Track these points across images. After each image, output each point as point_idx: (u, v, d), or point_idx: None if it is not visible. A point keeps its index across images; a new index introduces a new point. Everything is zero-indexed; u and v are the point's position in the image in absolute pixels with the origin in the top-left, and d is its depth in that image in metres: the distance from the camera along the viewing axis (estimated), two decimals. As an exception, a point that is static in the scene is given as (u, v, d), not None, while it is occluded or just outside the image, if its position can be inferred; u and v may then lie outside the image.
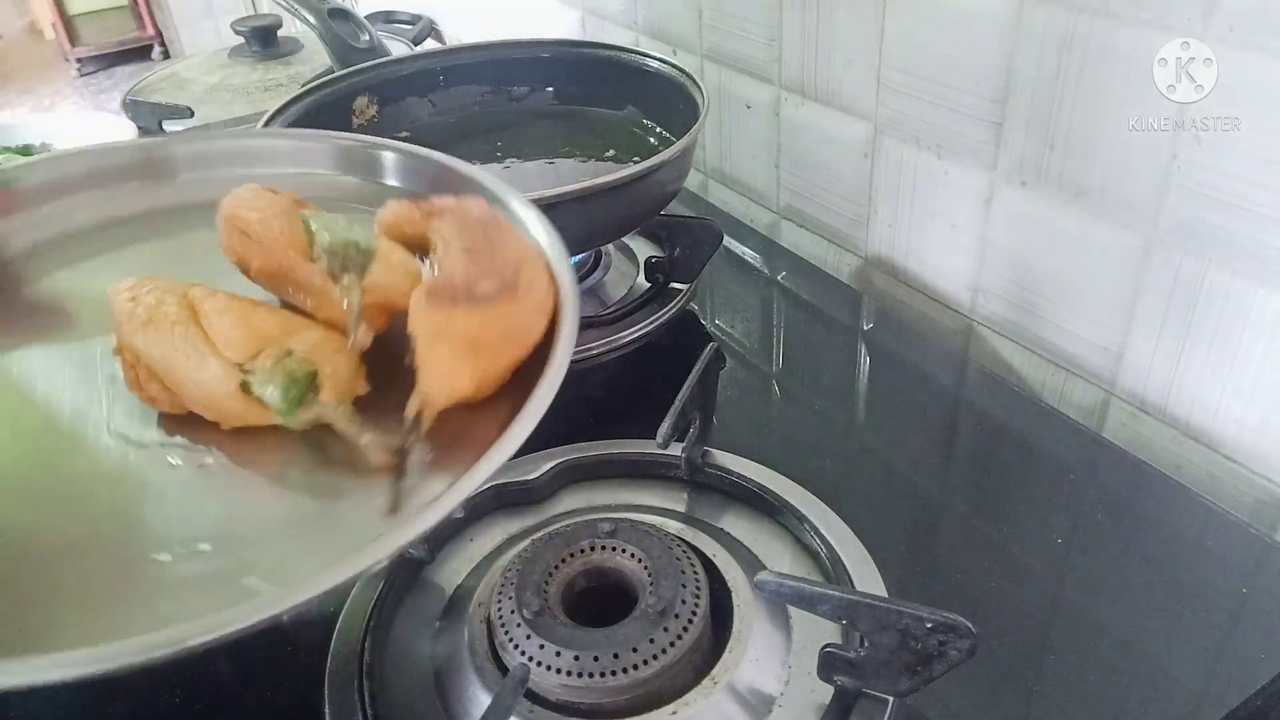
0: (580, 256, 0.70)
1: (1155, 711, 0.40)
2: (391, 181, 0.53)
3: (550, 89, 0.83)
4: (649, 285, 0.69)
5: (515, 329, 0.38)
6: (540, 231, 0.44)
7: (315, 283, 0.40)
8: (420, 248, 0.42)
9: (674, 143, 0.62)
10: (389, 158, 0.53)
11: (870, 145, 0.70)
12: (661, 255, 0.71)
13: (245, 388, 0.37)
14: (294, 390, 0.37)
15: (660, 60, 0.76)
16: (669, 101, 0.74)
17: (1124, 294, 0.56)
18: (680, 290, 0.67)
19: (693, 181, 0.90)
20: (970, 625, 0.38)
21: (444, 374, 0.36)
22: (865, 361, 0.64)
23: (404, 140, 0.78)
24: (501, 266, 0.39)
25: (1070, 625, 0.45)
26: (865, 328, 0.69)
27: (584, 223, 0.61)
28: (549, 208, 0.58)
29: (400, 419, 0.37)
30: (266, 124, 0.69)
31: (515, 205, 0.46)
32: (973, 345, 0.68)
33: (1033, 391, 0.64)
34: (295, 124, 0.72)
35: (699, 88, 0.69)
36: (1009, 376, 0.65)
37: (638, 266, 0.71)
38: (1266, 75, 0.45)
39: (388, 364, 0.40)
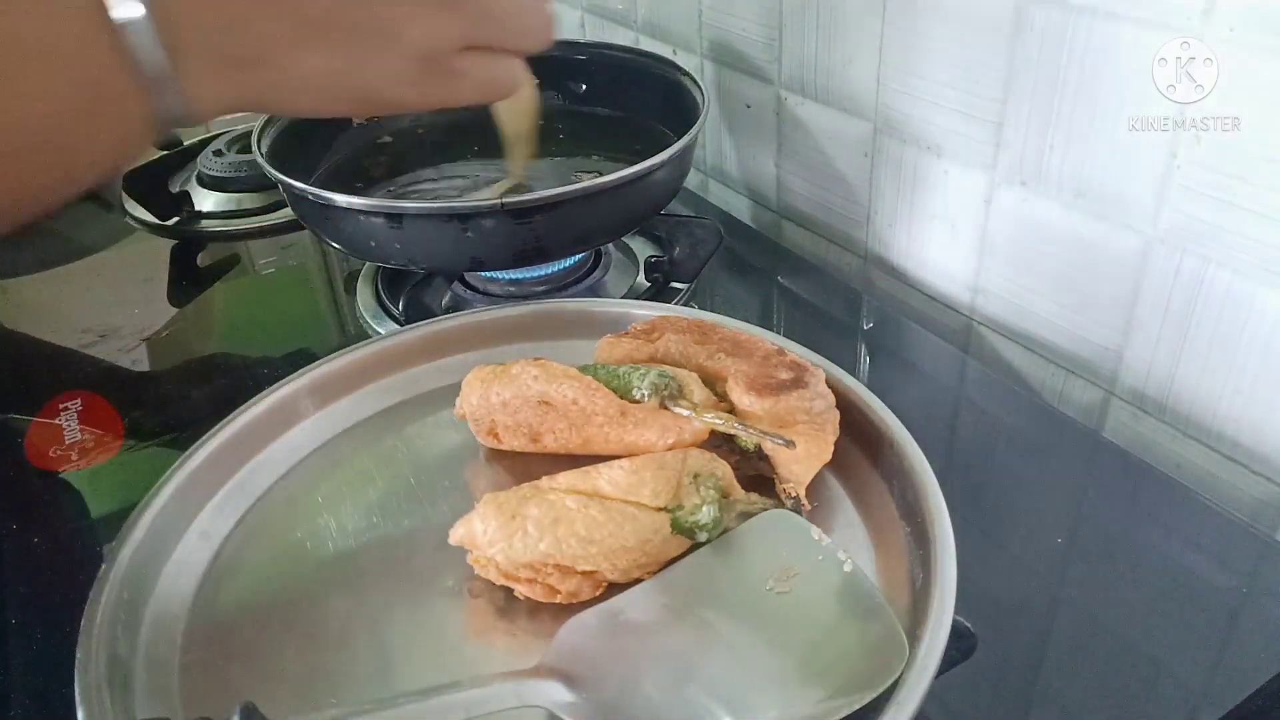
0: (580, 256, 0.70)
1: (1155, 711, 0.40)
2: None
3: (549, 88, 0.83)
4: (649, 285, 0.69)
5: (827, 397, 0.45)
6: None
7: (650, 418, 0.45)
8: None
9: (674, 143, 0.62)
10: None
11: (870, 145, 0.70)
12: (661, 255, 0.71)
13: (675, 524, 0.40)
14: (723, 502, 0.41)
15: (660, 60, 0.76)
16: (669, 101, 0.74)
17: (1124, 294, 0.56)
18: (680, 290, 0.67)
19: (693, 181, 0.90)
20: (970, 625, 0.38)
21: (809, 450, 0.43)
22: (865, 361, 0.64)
23: (387, 144, 0.78)
24: (765, 353, 0.47)
25: (1070, 625, 0.45)
26: (865, 328, 0.69)
27: (584, 223, 0.61)
28: (549, 207, 0.58)
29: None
30: (267, 123, 0.69)
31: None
32: (973, 345, 0.68)
33: (1033, 391, 0.64)
34: (295, 123, 0.72)
35: (699, 87, 0.70)
36: (1009, 376, 0.65)
37: (638, 266, 0.71)
38: (1266, 75, 0.45)
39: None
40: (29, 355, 0.70)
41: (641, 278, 0.69)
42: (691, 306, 0.66)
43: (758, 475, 0.45)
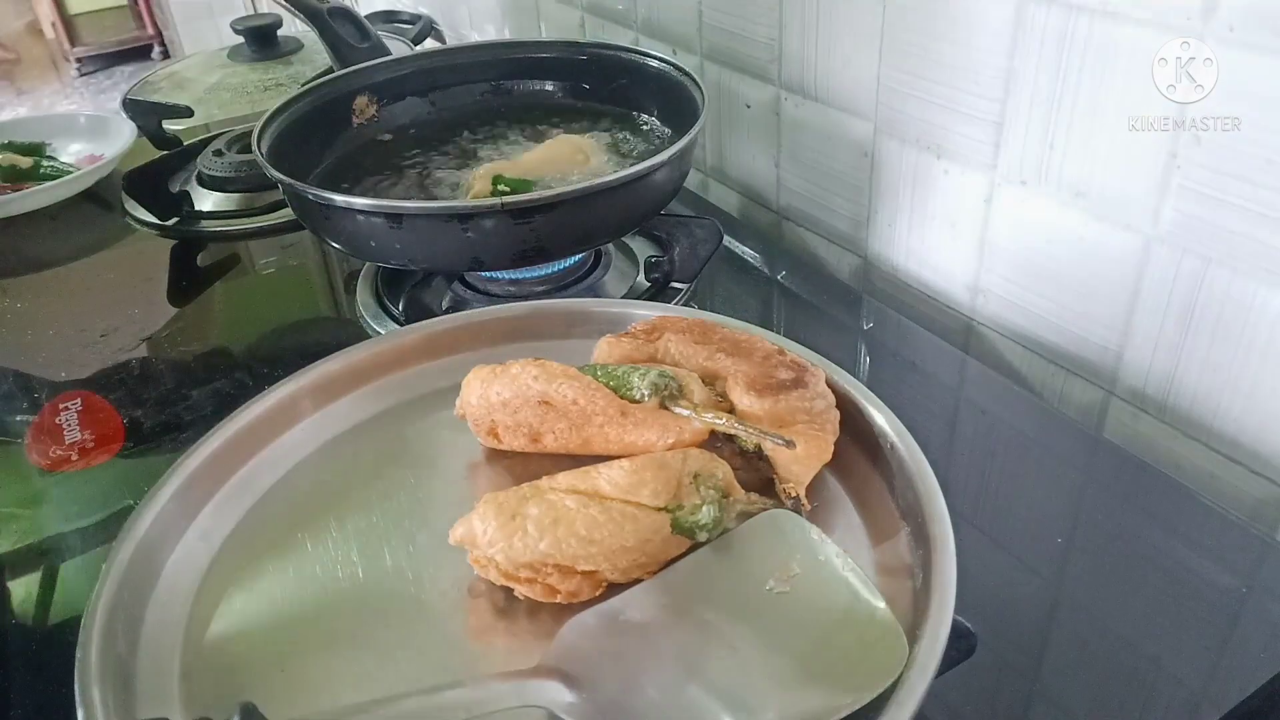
0: (580, 256, 0.70)
1: (1155, 711, 0.40)
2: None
3: (550, 88, 0.83)
4: (649, 285, 0.69)
5: (827, 397, 0.45)
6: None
7: (650, 417, 0.44)
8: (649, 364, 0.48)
9: (674, 143, 0.62)
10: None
11: (870, 145, 0.70)
12: (661, 255, 0.71)
13: (675, 524, 0.40)
14: (723, 502, 0.41)
15: (660, 60, 0.76)
16: (669, 101, 0.74)
17: (1124, 293, 0.56)
18: (680, 290, 0.67)
19: (693, 181, 0.90)
20: (970, 625, 0.38)
21: (809, 450, 0.42)
22: (865, 361, 0.64)
23: (386, 141, 0.78)
24: (765, 353, 0.46)
25: (1070, 625, 0.45)
26: (865, 328, 0.69)
27: (584, 223, 0.61)
28: (549, 207, 0.58)
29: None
30: (266, 123, 0.70)
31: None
32: (973, 345, 0.68)
33: (1033, 391, 0.64)
34: (295, 123, 0.72)
35: (699, 87, 0.69)
36: (1009, 376, 0.65)
37: (638, 266, 0.71)
38: (1266, 75, 0.45)
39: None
40: (28, 355, 0.70)
41: (641, 278, 0.69)
42: (691, 306, 0.66)
43: (758, 475, 0.45)
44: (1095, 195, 0.55)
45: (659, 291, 0.68)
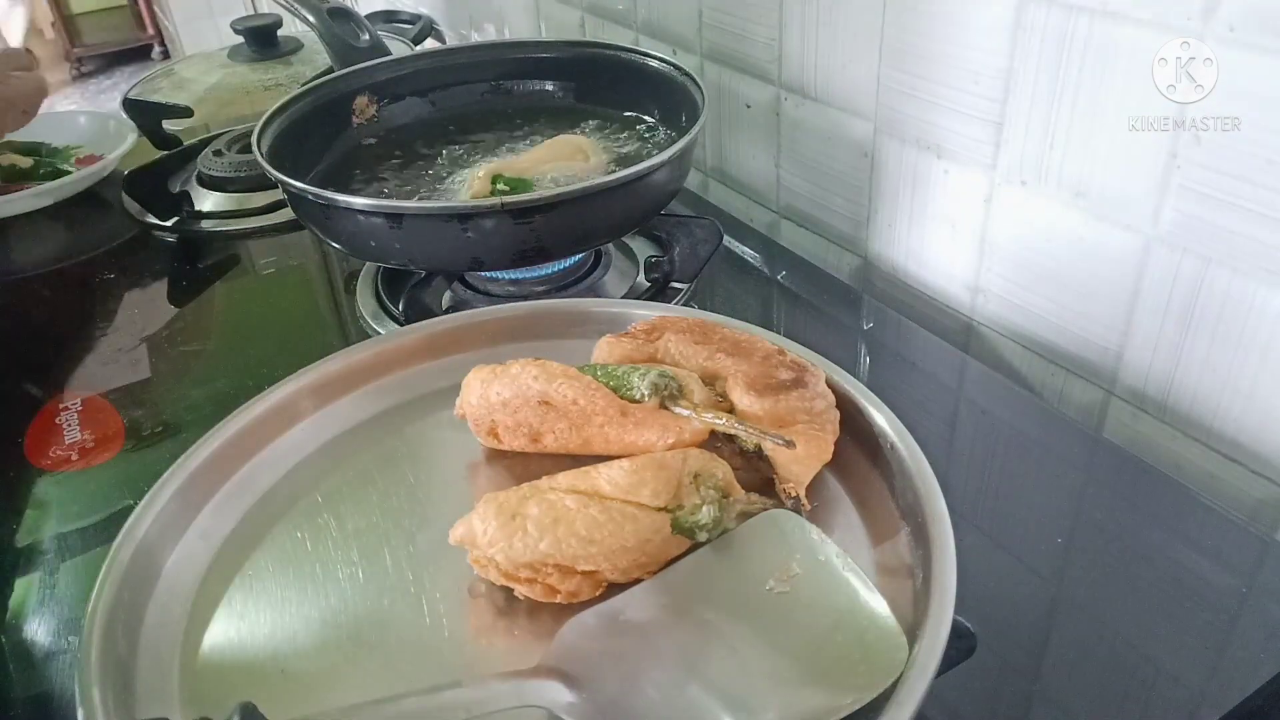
0: (580, 256, 0.70)
1: (1155, 711, 0.40)
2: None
3: (550, 88, 0.83)
4: (649, 285, 0.69)
5: (827, 397, 0.45)
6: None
7: (650, 418, 0.44)
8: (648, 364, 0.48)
9: (674, 143, 0.62)
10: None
11: (870, 145, 0.70)
12: (661, 255, 0.71)
13: (675, 524, 0.40)
14: (723, 502, 0.41)
15: (660, 60, 0.76)
16: (669, 101, 0.74)
17: (1124, 293, 0.56)
18: (680, 290, 0.67)
19: (693, 181, 0.90)
20: (970, 625, 0.38)
21: (809, 450, 0.42)
22: (865, 361, 0.64)
23: (386, 141, 0.78)
24: (765, 353, 0.47)
25: (1070, 625, 0.45)
26: (865, 328, 0.69)
27: (584, 223, 0.61)
28: (549, 207, 0.58)
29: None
30: (266, 123, 0.70)
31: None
32: (973, 345, 0.68)
33: (1033, 391, 0.64)
34: (295, 123, 0.72)
35: (699, 87, 0.69)
36: (1009, 376, 0.65)
37: (638, 266, 0.71)
38: (1266, 75, 0.45)
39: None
40: (28, 355, 0.70)
41: (641, 278, 0.69)
42: (691, 306, 0.66)
43: (758, 475, 0.45)
44: (1095, 195, 0.55)
45: (659, 291, 0.68)
